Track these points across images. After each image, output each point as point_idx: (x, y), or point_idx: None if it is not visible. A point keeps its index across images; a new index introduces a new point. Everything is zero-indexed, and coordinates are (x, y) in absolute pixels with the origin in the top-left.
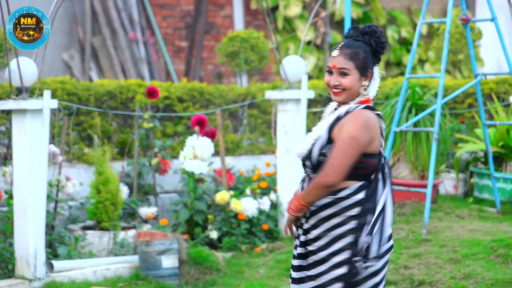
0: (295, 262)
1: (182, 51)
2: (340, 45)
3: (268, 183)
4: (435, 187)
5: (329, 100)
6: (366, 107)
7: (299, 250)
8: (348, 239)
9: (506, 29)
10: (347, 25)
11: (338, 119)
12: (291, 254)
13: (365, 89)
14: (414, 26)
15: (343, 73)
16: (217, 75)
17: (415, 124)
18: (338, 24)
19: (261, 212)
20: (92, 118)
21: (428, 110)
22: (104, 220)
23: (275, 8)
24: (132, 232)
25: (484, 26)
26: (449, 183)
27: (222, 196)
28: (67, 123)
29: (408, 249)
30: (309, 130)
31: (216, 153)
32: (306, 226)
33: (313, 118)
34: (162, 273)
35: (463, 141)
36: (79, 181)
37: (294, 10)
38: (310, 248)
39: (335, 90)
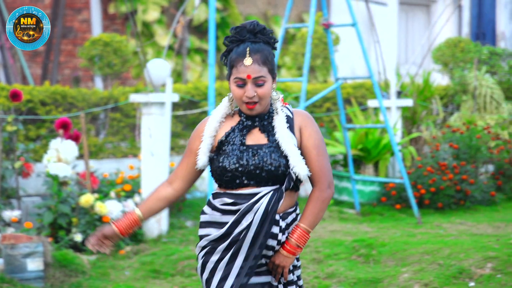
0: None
1: (38, 55)
2: (247, 51)
3: (132, 186)
4: None
5: (191, 103)
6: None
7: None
8: None
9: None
10: (212, 29)
11: (290, 127)
12: (155, 256)
13: (276, 92)
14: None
15: (259, 83)
16: (74, 80)
17: None
18: (196, 29)
19: None
20: None
21: None
22: None
23: (133, 13)
24: None
25: (340, 32)
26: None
27: (87, 199)
28: None
29: None
30: (174, 133)
31: (80, 156)
32: (282, 237)
33: (175, 121)
34: (27, 276)
35: None
36: None
37: (153, 15)
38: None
39: (250, 103)
